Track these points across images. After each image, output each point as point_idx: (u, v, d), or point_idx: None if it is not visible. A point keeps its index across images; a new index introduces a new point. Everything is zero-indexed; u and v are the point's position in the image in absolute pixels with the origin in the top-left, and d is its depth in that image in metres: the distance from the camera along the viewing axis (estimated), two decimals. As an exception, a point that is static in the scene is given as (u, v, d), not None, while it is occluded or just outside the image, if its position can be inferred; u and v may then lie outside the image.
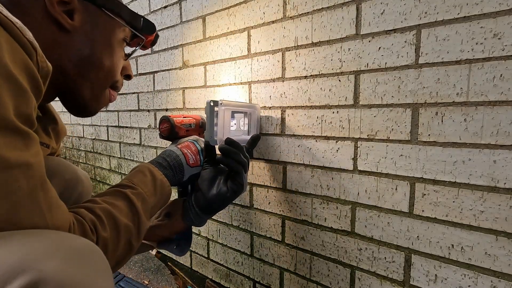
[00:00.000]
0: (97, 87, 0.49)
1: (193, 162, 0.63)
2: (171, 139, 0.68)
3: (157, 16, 1.11)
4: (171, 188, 0.57)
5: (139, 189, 0.49)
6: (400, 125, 0.59)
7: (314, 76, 0.71)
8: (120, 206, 0.44)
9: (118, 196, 0.46)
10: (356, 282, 0.69)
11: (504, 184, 0.50)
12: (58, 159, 0.60)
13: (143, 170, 0.54)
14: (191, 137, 0.69)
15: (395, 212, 0.62)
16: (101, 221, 0.40)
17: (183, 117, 0.69)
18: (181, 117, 0.69)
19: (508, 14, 0.48)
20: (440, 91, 0.55)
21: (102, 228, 0.39)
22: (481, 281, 0.53)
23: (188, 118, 0.70)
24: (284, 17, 0.74)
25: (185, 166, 0.62)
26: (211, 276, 1.05)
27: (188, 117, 0.71)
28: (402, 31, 0.58)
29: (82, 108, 0.50)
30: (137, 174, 0.52)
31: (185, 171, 0.62)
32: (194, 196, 0.63)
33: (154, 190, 0.52)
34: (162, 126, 0.67)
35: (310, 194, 0.74)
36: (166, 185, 0.56)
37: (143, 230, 0.47)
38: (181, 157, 0.62)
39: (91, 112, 0.52)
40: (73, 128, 1.83)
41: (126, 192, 0.47)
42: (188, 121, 0.70)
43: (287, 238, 0.81)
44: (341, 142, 0.68)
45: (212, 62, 0.94)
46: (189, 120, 0.70)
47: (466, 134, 0.53)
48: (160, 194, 0.54)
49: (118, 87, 0.55)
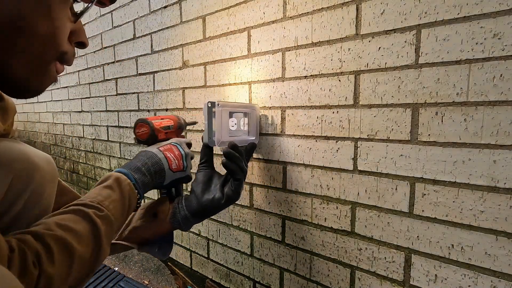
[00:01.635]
0: (35, 60, 0.36)
1: (176, 167, 0.60)
2: (149, 143, 0.62)
3: (157, 16, 1.11)
4: (141, 201, 0.53)
5: (105, 211, 0.43)
6: (400, 125, 0.59)
7: (314, 76, 0.71)
8: (80, 231, 0.38)
9: (79, 218, 0.39)
10: (356, 282, 0.69)
11: (504, 184, 0.50)
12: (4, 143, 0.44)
13: (112, 184, 0.47)
14: (173, 139, 0.64)
15: (395, 212, 0.62)
16: (50, 252, 0.34)
17: (161, 119, 0.65)
18: (159, 119, 0.64)
19: (508, 14, 0.48)
20: (440, 91, 0.55)
21: (49, 262, 0.33)
22: (481, 281, 0.53)
23: (166, 119, 0.66)
24: (284, 17, 0.74)
25: (167, 171, 0.58)
26: (211, 276, 1.05)
27: (165, 118, 0.66)
28: (402, 31, 0.58)
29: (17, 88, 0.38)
30: (104, 191, 0.46)
31: (166, 176, 0.58)
32: (185, 199, 0.62)
33: (122, 209, 0.46)
34: (140, 130, 0.61)
35: (310, 194, 0.74)
36: (134, 201, 0.50)
37: (101, 260, 0.41)
38: (164, 161, 0.57)
39: (32, 92, 0.40)
40: (73, 128, 1.83)
41: (90, 214, 0.40)
42: (167, 122, 0.65)
43: (287, 238, 0.81)
44: (341, 142, 0.68)
45: (212, 62, 0.94)
46: (167, 122, 0.65)
47: (466, 134, 0.53)
48: (127, 212, 0.49)
49: (68, 59, 0.41)
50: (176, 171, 0.60)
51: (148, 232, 0.58)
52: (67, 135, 1.92)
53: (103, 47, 1.45)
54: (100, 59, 1.48)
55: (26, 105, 2.46)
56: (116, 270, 1.17)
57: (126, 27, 1.28)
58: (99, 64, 1.49)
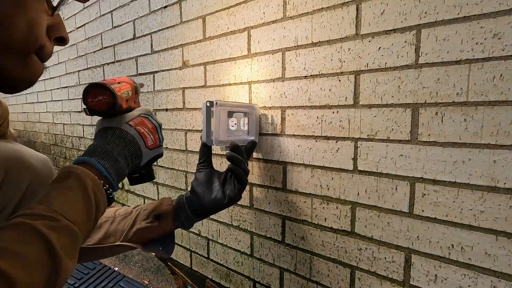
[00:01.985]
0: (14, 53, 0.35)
1: (152, 143, 0.51)
2: (107, 115, 0.49)
3: (157, 16, 1.11)
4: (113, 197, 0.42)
5: (62, 219, 0.33)
6: (400, 125, 0.59)
7: (314, 76, 0.71)
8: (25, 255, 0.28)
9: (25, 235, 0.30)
10: (356, 282, 0.69)
11: (504, 184, 0.50)
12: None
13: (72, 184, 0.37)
14: (139, 109, 0.54)
15: (395, 212, 0.62)
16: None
17: (118, 83, 0.50)
18: (115, 83, 0.49)
19: (508, 14, 0.48)
20: (440, 91, 0.55)
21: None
22: (481, 281, 0.53)
23: (123, 84, 0.51)
24: (284, 17, 0.74)
25: (144, 149, 0.49)
26: (211, 276, 1.05)
27: (121, 81, 0.51)
28: (402, 31, 0.58)
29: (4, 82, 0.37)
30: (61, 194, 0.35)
31: (143, 156, 0.49)
32: (187, 199, 0.62)
33: (87, 215, 0.37)
34: (96, 98, 0.46)
35: (310, 194, 0.74)
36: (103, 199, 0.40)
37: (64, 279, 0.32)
38: (138, 138, 0.48)
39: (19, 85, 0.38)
40: (73, 128, 1.83)
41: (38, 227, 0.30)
42: (125, 87, 0.51)
43: (287, 238, 0.81)
44: (341, 142, 0.68)
45: (212, 62, 0.94)
46: (125, 87, 0.51)
47: (466, 134, 0.53)
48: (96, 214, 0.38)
49: (44, 56, 0.39)
50: (153, 148, 0.52)
51: (152, 233, 0.58)
52: (67, 135, 1.92)
53: (103, 47, 1.44)
54: (100, 59, 1.48)
55: (26, 105, 2.46)
56: (116, 270, 1.17)
57: (126, 27, 1.28)
58: (99, 64, 1.49)
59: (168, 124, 1.13)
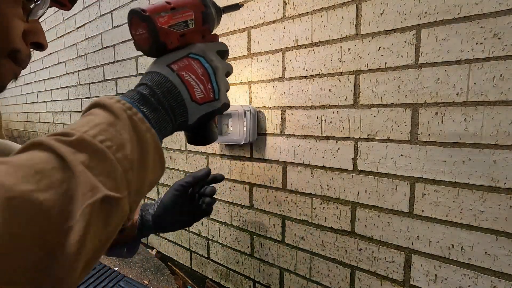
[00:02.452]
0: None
1: (202, 96, 0.38)
2: (153, 54, 0.38)
3: (157, 16, 1.11)
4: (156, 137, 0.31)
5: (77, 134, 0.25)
6: (400, 125, 0.59)
7: (314, 76, 0.71)
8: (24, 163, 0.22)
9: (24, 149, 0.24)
10: (356, 282, 0.69)
11: (504, 184, 0.50)
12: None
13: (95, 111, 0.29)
14: (192, 47, 0.39)
15: (395, 212, 0.62)
16: None
17: (171, 9, 0.36)
18: (167, 9, 0.36)
19: (508, 14, 0.48)
20: (440, 91, 0.55)
21: None
22: (481, 281, 0.53)
23: (180, 9, 0.37)
24: (284, 17, 0.74)
25: (189, 104, 0.36)
26: (211, 276, 1.05)
27: (179, 6, 0.37)
28: (402, 31, 0.58)
29: None
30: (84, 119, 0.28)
31: (189, 111, 0.37)
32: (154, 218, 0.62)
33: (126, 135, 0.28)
34: (136, 31, 0.37)
35: (310, 194, 0.74)
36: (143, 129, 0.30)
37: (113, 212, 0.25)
38: (181, 87, 0.36)
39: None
40: (73, 128, 1.82)
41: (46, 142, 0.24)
42: (181, 16, 0.37)
43: (287, 238, 0.81)
44: (341, 142, 0.68)
45: (212, 62, 0.94)
46: (182, 15, 0.37)
47: (466, 134, 0.53)
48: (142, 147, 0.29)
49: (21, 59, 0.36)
50: (203, 102, 0.38)
51: (116, 241, 0.59)
52: (67, 135, 1.91)
53: (103, 47, 1.44)
54: (100, 59, 1.48)
55: (26, 105, 2.46)
56: (116, 270, 1.17)
57: (126, 27, 1.28)
58: (99, 64, 1.49)
59: (168, 124, 1.13)
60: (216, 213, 0.99)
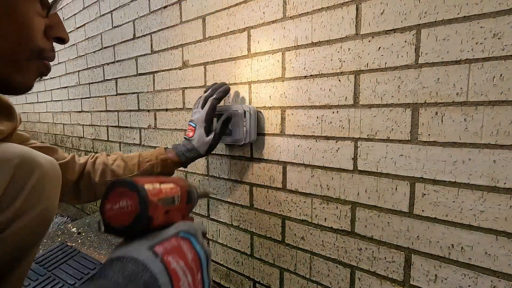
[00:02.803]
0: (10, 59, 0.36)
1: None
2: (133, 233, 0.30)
3: (157, 16, 1.11)
4: None
5: None
6: (400, 125, 0.59)
7: (314, 76, 0.71)
8: None
9: None
10: (356, 282, 0.69)
11: (504, 184, 0.50)
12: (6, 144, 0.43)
13: None
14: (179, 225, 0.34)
15: (395, 212, 0.62)
16: None
17: (159, 183, 0.33)
18: (155, 183, 0.33)
19: (508, 14, 0.48)
20: (440, 91, 0.55)
21: None
22: (481, 281, 0.53)
23: (167, 184, 0.35)
24: (284, 17, 0.74)
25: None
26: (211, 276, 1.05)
27: (165, 181, 0.35)
28: (402, 31, 0.58)
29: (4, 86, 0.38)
30: None
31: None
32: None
33: None
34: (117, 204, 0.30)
35: (310, 194, 0.74)
36: None
37: None
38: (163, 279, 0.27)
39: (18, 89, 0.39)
40: (73, 128, 1.83)
41: None
42: (169, 191, 0.34)
43: (287, 238, 0.81)
44: (341, 142, 0.68)
45: (212, 62, 0.94)
46: (169, 190, 0.35)
47: (466, 134, 0.53)
48: None
49: (47, 56, 0.39)
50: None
51: None
52: (67, 135, 1.91)
53: (103, 47, 1.44)
54: (100, 59, 1.48)
55: (26, 105, 2.46)
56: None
57: (126, 27, 1.28)
58: (99, 64, 1.49)
59: (168, 124, 1.13)
60: (216, 213, 0.99)
